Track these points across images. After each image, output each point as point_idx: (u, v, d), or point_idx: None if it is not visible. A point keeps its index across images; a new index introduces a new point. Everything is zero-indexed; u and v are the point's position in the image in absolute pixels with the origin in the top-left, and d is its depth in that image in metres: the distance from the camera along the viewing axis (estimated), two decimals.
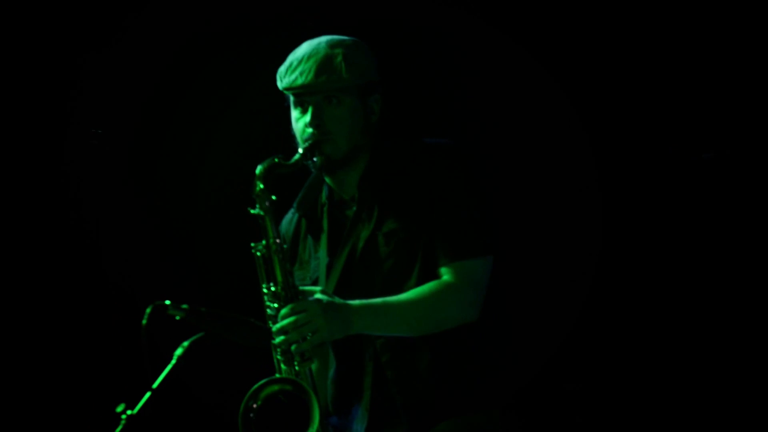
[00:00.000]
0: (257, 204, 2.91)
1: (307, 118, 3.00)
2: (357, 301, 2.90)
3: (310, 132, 3.00)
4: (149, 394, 2.85)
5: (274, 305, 2.88)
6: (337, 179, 3.08)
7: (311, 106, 3.00)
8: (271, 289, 2.90)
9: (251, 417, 2.78)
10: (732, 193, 4.26)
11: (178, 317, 2.90)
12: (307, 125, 3.00)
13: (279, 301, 2.88)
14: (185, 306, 2.90)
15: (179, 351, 2.91)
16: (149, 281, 4.40)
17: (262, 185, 2.91)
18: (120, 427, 2.81)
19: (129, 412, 2.83)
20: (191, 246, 4.63)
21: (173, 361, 2.89)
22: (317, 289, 2.91)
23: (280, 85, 3.04)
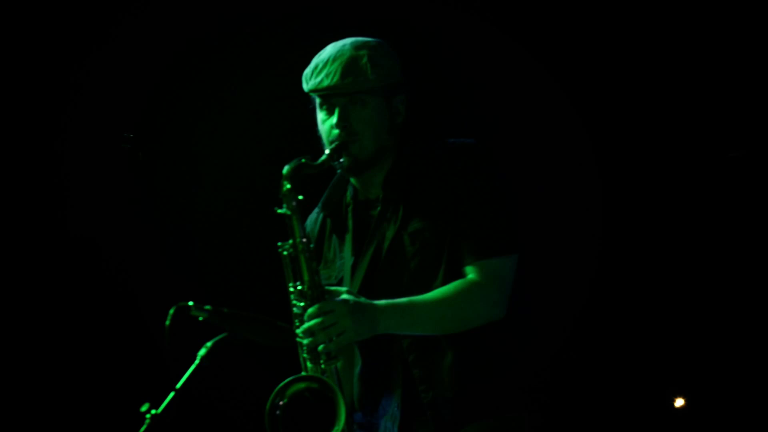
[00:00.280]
0: (284, 204, 2.93)
1: (334, 119, 3.03)
2: (383, 301, 2.93)
3: (336, 133, 3.02)
4: (173, 394, 2.88)
5: (300, 304, 2.91)
6: (363, 179, 3.11)
7: (337, 107, 3.03)
8: (298, 288, 2.93)
9: (277, 414, 2.81)
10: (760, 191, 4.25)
11: (201, 318, 2.94)
12: (334, 127, 3.02)
13: (305, 300, 2.90)
14: (208, 307, 2.94)
15: (202, 351, 2.94)
16: (174, 283, 4.44)
17: (289, 185, 2.93)
18: (144, 426, 2.85)
19: (153, 411, 2.86)
20: (211, 247, 4.66)
21: (196, 362, 2.92)
22: (343, 290, 2.94)
23: (305, 88, 3.07)
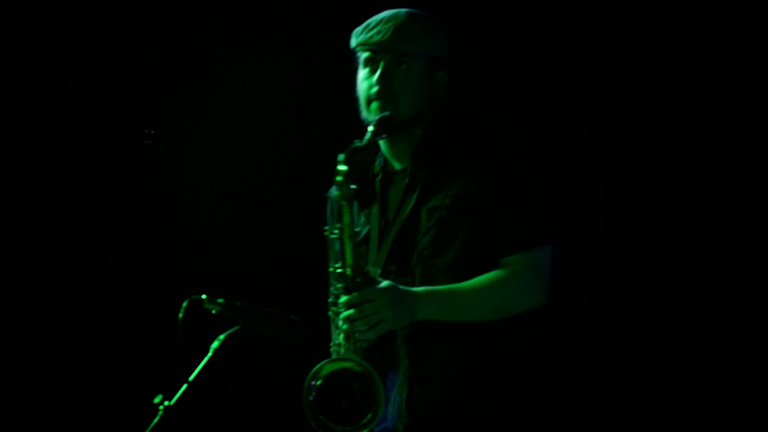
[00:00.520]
0: (338, 190, 2.96)
1: (375, 77, 3.06)
2: (422, 289, 2.96)
3: (375, 90, 3.06)
4: (185, 386, 2.91)
5: (338, 285, 2.96)
6: (393, 146, 3.14)
7: (381, 65, 3.06)
8: (337, 270, 2.96)
9: (312, 396, 2.87)
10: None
11: (214, 311, 2.95)
12: (374, 84, 3.05)
13: (345, 282, 2.95)
14: (221, 300, 2.95)
15: (215, 344, 2.95)
16: (182, 277, 4.46)
17: (343, 172, 2.96)
18: (157, 418, 2.87)
19: (166, 403, 2.88)
20: (226, 240, 4.68)
21: (209, 354, 2.94)
22: (380, 278, 2.97)
23: (353, 43, 3.10)
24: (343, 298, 2.94)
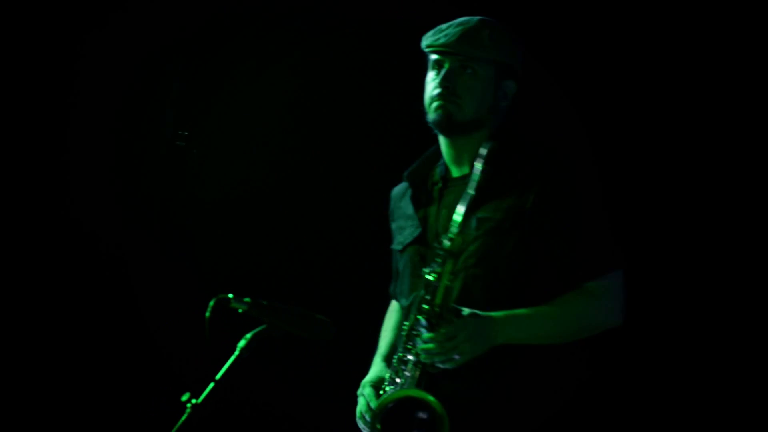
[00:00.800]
0: (452, 241, 2.99)
1: (439, 78, 3.07)
2: (501, 314, 2.98)
3: (437, 92, 3.07)
4: (213, 384, 2.93)
5: (420, 317, 3.01)
6: (454, 150, 3.15)
7: (446, 67, 3.07)
8: (424, 306, 2.99)
9: (378, 425, 2.98)
10: None
11: (240, 310, 2.98)
12: (437, 85, 3.07)
13: (429, 316, 2.98)
14: (247, 299, 2.97)
15: (242, 343, 2.97)
16: (214, 276, 4.47)
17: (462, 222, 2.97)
18: (185, 416, 2.90)
19: (194, 401, 2.90)
20: (252, 239, 4.69)
21: (236, 353, 2.97)
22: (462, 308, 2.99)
23: (423, 45, 3.11)
24: (426, 335, 2.97)
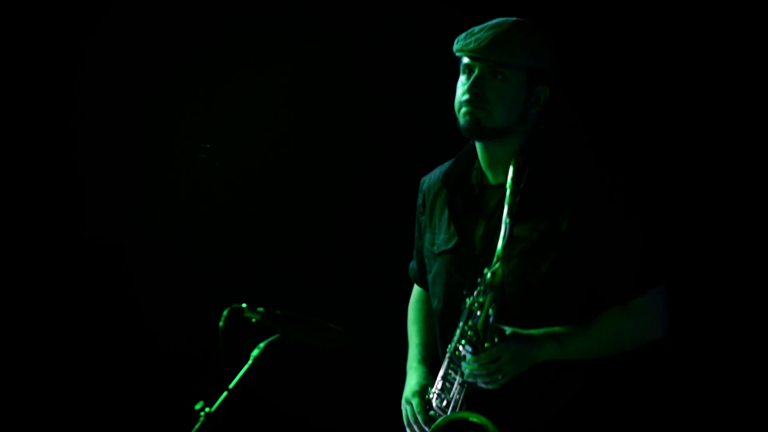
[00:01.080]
0: (494, 275, 2.97)
1: (468, 83, 3.05)
2: (541, 332, 2.99)
3: (465, 98, 3.05)
4: (226, 393, 2.95)
5: (464, 342, 3.01)
6: (489, 154, 3.13)
7: (475, 72, 3.04)
8: (468, 332, 3.00)
9: None
10: None
11: (254, 320, 3.00)
12: (466, 90, 3.05)
13: (473, 340, 2.99)
14: (261, 309, 2.99)
15: (255, 352, 2.99)
16: (226, 286, 4.48)
17: (497, 269, 2.95)
18: (199, 424, 2.92)
19: (207, 409, 2.92)
20: (263, 249, 4.70)
21: (249, 362, 2.98)
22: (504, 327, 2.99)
23: (454, 48, 3.09)
24: (470, 357, 2.97)
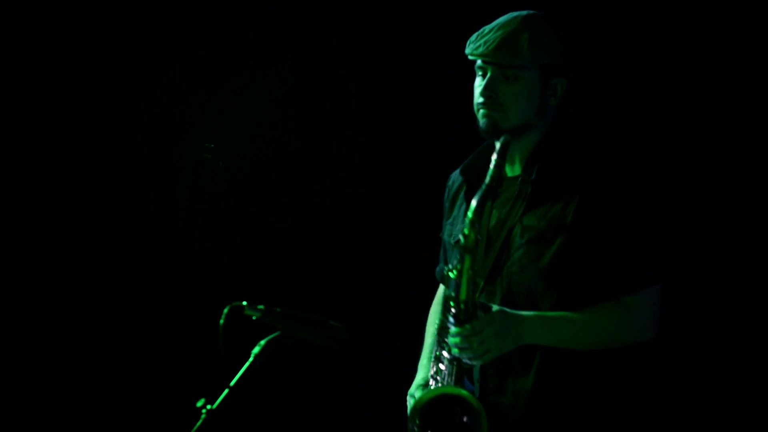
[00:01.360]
0: (466, 238, 2.96)
1: (481, 87, 3.07)
2: (531, 313, 3.00)
3: (480, 101, 3.07)
4: (227, 390, 2.96)
5: (449, 315, 3.02)
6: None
7: (488, 75, 3.06)
8: (450, 303, 3.01)
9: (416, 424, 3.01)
10: None
11: (254, 317, 3.01)
12: (480, 93, 3.07)
13: (456, 313, 3.00)
14: (261, 306, 3.01)
15: (256, 349, 3.00)
16: (227, 283, 4.48)
17: (473, 218, 2.96)
18: (200, 421, 2.93)
19: (209, 407, 2.93)
20: (264, 246, 4.71)
21: (250, 359, 3.00)
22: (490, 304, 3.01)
23: (466, 51, 3.11)
24: (453, 329, 2.99)
